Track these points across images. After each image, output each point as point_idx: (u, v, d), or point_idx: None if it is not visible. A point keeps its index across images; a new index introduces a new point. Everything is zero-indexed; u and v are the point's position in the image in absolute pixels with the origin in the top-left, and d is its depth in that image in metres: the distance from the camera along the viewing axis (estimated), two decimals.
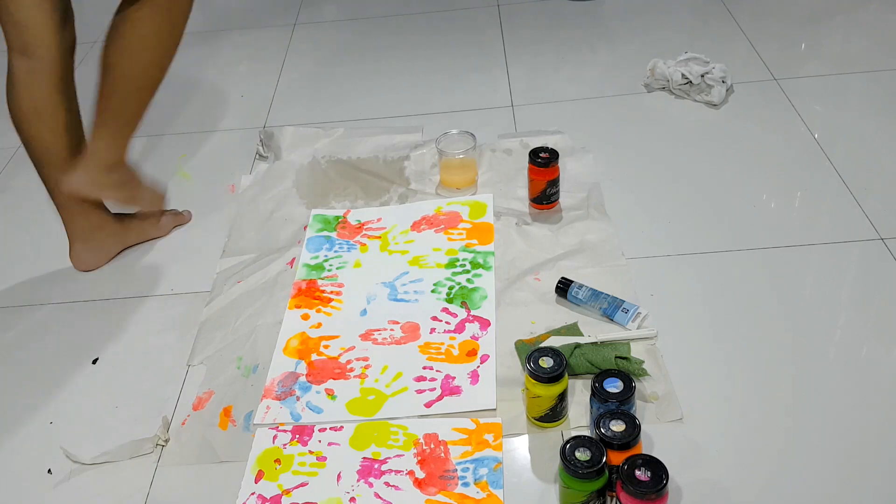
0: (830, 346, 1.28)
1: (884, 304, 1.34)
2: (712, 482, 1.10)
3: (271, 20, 2.47)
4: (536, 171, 1.56)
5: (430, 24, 2.36)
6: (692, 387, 1.23)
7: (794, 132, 1.75)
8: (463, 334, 1.36)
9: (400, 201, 1.68)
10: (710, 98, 1.85)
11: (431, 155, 1.77)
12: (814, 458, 1.12)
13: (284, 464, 1.19)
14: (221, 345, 1.39)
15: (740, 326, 1.32)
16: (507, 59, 2.13)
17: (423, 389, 1.27)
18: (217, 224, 1.67)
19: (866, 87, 1.88)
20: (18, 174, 1.91)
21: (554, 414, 1.18)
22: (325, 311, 1.43)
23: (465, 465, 1.16)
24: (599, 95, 1.95)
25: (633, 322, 1.33)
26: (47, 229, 1.71)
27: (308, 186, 1.73)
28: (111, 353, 1.41)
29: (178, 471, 1.20)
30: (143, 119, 1.44)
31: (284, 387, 1.30)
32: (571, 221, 1.56)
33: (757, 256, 1.45)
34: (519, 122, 1.88)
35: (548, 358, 1.15)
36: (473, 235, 1.56)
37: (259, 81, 2.16)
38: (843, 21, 2.16)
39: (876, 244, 1.45)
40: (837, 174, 1.61)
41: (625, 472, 1.00)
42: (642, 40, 2.14)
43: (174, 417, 1.28)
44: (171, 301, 1.50)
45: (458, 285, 1.45)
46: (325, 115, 1.99)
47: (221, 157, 1.88)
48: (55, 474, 1.21)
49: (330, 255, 1.55)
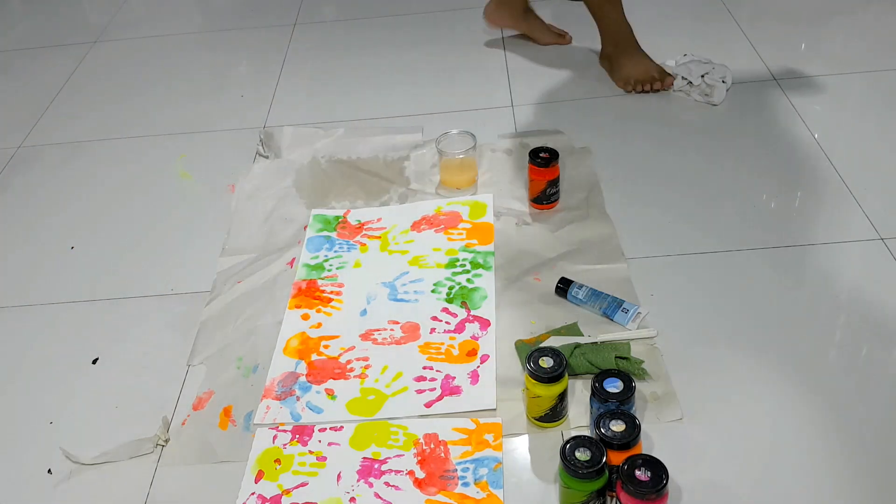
0: (830, 346, 1.28)
1: (884, 304, 1.34)
2: (712, 482, 1.10)
3: (271, 20, 2.47)
4: (536, 171, 1.56)
5: (430, 23, 2.36)
6: (692, 387, 1.23)
7: (794, 132, 1.75)
8: (463, 334, 1.36)
9: (400, 201, 1.68)
10: (711, 98, 1.85)
11: (431, 155, 1.77)
12: (814, 458, 1.12)
13: (284, 464, 1.19)
14: (221, 345, 1.39)
15: (740, 326, 1.32)
16: (507, 59, 2.13)
17: (423, 389, 1.27)
18: (217, 224, 1.67)
19: (866, 87, 1.88)
20: (19, 174, 1.91)
21: (554, 414, 1.18)
22: (325, 311, 1.43)
23: (465, 465, 1.16)
24: (599, 95, 1.95)
25: (633, 322, 1.33)
26: (48, 229, 1.71)
27: (308, 186, 1.73)
28: (111, 353, 1.41)
29: (178, 471, 1.20)
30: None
31: (284, 387, 1.30)
32: (571, 221, 1.56)
33: (757, 256, 1.45)
34: (519, 122, 1.88)
35: (548, 358, 1.15)
36: (473, 235, 1.56)
37: (259, 81, 2.16)
38: (843, 21, 2.16)
39: (876, 244, 1.45)
40: (837, 174, 1.61)
41: (625, 472, 1.00)
42: (642, 40, 2.13)
43: (174, 417, 1.28)
44: (171, 301, 1.50)
45: (458, 285, 1.45)
46: (325, 115, 1.99)
47: (221, 157, 1.88)
48: (55, 474, 1.21)
49: (330, 255, 1.55)
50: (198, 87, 2.19)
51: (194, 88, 2.18)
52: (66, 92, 2.22)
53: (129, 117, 2.08)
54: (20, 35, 2.57)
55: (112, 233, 1.69)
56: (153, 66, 2.31)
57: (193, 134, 1.98)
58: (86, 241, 1.67)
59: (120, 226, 1.70)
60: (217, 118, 2.03)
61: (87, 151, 1.96)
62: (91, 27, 2.57)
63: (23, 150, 1.99)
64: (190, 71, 2.27)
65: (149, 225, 1.70)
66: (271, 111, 2.03)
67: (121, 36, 2.49)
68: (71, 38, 2.50)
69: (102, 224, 1.72)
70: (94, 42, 2.47)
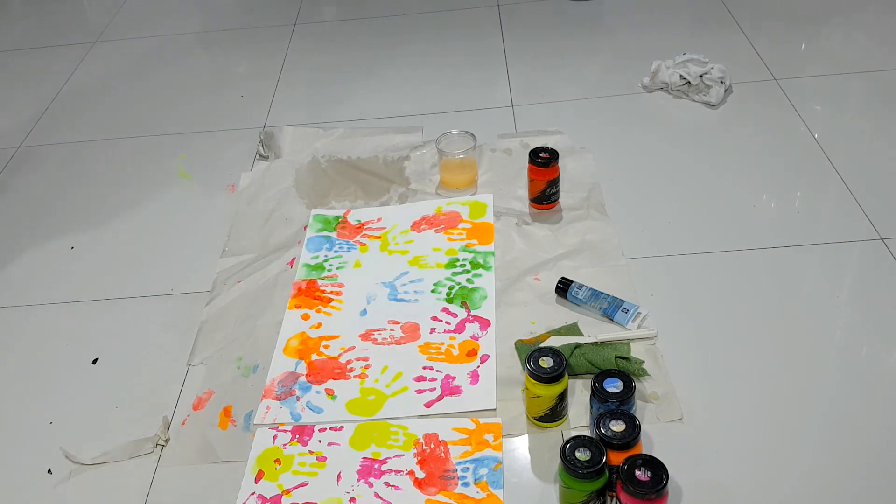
0: (830, 346, 1.28)
1: (884, 304, 1.34)
2: (712, 482, 1.10)
3: (271, 20, 2.47)
4: (536, 171, 1.56)
5: (430, 23, 2.36)
6: (692, 387, 1.23)
7: (794, 132, 1.75)
8: (463, 334, 1.36)
9: (400, 201, 1.68)
10: (709, 98, 1.85)
11: (431, 155, 1.77)
12: (814, 457, 1.12)
13: (284, 464, 1.19)
14: (221, 345, 1.39)
15: (740, 326, 1.32)
16: (507, 59, 2.13)
17: (423, 389, 1.27)
18: (217, 224, 1.67)
19: (866, 87, 1.88)
20: (19, 174, 1.91)
21: (554, 414, 1.18)
22: (325, 311, 1.43)
23: (465, 465, 1.16)
24: (599, 95, 1.95)
25: (633, 322, 1.33)
26: (48, 229, 1.71)
27: (308, 186, 1.73)
28: (111, 353, 1.41)
29: (178, 471, 1.20)
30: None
31: (284, 387, 1.30)
32: (571, 221, 1.56)
33: (757, 256, 1.45)
34: (519, 122, 1.88)
35: (548, 358, 1.15)
36: (473, 235, 1.56)
37: (259, 81, 2.16)
38: (843, 21, 2.16)
39: (876, 244, 1.45)
40: (837, 174, 1.61)
41: (625, 472, 1.00)
42: (642, 40, 2.14)
43: (174, 417, 1.28)
44: (170, 301, 1.50)
45: (458, 285, 1.45)
46: (325, 115, 1.99)
47: (221, 157, 1.88)
48: (55, 474, 1.21)
49: (330, 255, 1.55)
50: (198, 87, 2.19)
51: (194, 88, 2.18)
52: (66, 92, 2.22)
53: (129, 117, 2.08)
54: (20, 35, 2.57)
55: (112, 233, 1.69)
56: (153, 66, 2.30)
57: (193, 134, 1.98)
58: (86, 241, 1.67)
59: (120, 226, 1.71)
60: (217, 118, 2.03)
61: (87, 151, 1.96)
62: (91, 27, 2.57)
63: (23, 150, 1.99)
64: (190, 71, 2.26)
65: (149, 225, 1.70)
66: (271, 111, 2.03)
67: (121, 36, 2.49)
68: (71, 38, 2.50)
69: (102, 224, 1.72)
70: (94, 42, 2.47)
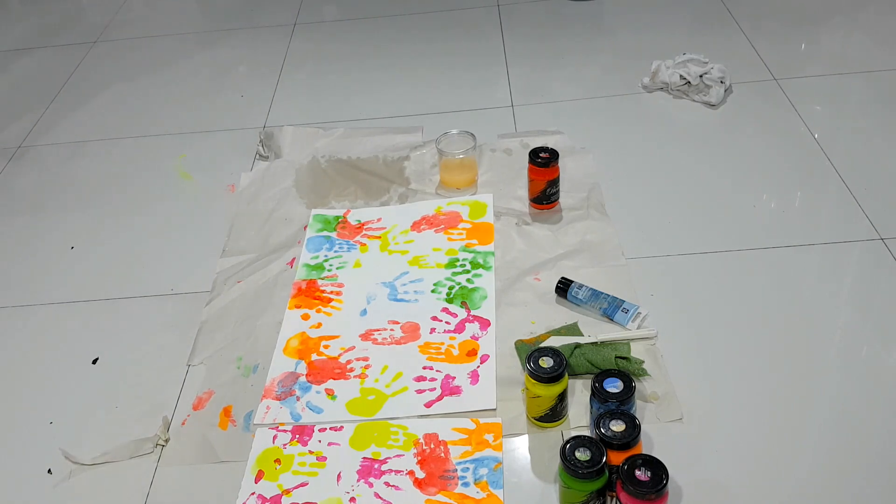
0: (830, 346, 1.28)
1: (884, 304, 1.34)
2: (712, 482, 1.10)
3: (271, 20, 2.47)
4: (536, 171, 1.56)
5: (430, 23, 2.36)
6: (692, 387, 1.23)
7: (794, 132, 1.75)
8: (463, 334, 1.36)
9: (400, 201, 1.68)
10: (708, 98, 1.85)
11: (431, 155, 1.77)
12: (814, 457, 1.12)
13: (284, 464, 1.19)
14: (221, 345, 1.39)
15: (740, 326, 1.32)
16: (507, 59, 2.13)
17: (423, 389, 1.27)
18: (217, 224, 1.67)
19: (866, 87, 1.88)
20: (19, 174, 1.91)
21: (554, 414, 1.18)
22: (325, 311, 1.43)
23: (465, 465, 1.16)
24: (599, 95, 1.95)
25: (633, 322, 1.33)
26: (48, 229, 1.71)
27: (308, 186, 1.73)
28: (111, 353, 1.41)
29: (178, 471, 1.20)
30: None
31: (284, 387, 1.30)
32: (571, 221, 1.56)
33: (757, 256, 1.45)
34: (519, 122, 1.88)
35: (548, 358, 1.15)
36: (473, 235, 1.56)
37: (259, 81, 2.16)
38: (843, 21, 2.16)
39: (876, 244, 1.45)
40: (837, 174, 1.61)
41: (625, 472, 1.00)
42: (642, 40, 2.14)
43: (174, 417, 1.28)
44: (171, 301, 1.50)
45: (458, 285, 1.45)
46: (325, 115, 1.99)
47: (221, 157, 1.88)
48: (55, 474, 1.21)
49: (330, 255, 1.55)
50: (198, 87, 2.19)
51: (194, 88, 2.18)
52: (66, 92, 2.22)
53: (129, 117, 2.08)
54: (20, 35, 2.57)
55: (112, 233, 1.69)
56: (153, 66, 2.30)
57: (193, 134, 1.98)
58: (86, 241, 1.67)
59: (120, 225, 1.70)
60: (217, 118, 2.03)
61: (87, 151, 1.96)
62: (91, 27, 2.57)
63: (23, 150, 2.00)
64: (190, 71, 2.26)
65: (149, 225, 1.70)
66: (271, 111, 2.03)
67: (121, 36, 2.49)
68: (71, 38, 2.50)
69: (102, 224, 1.72)
70: (94, 42, 2.47)
